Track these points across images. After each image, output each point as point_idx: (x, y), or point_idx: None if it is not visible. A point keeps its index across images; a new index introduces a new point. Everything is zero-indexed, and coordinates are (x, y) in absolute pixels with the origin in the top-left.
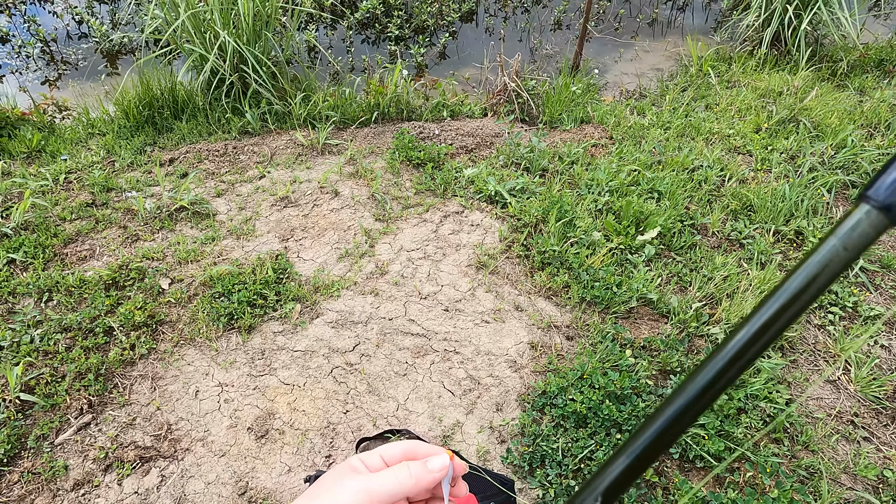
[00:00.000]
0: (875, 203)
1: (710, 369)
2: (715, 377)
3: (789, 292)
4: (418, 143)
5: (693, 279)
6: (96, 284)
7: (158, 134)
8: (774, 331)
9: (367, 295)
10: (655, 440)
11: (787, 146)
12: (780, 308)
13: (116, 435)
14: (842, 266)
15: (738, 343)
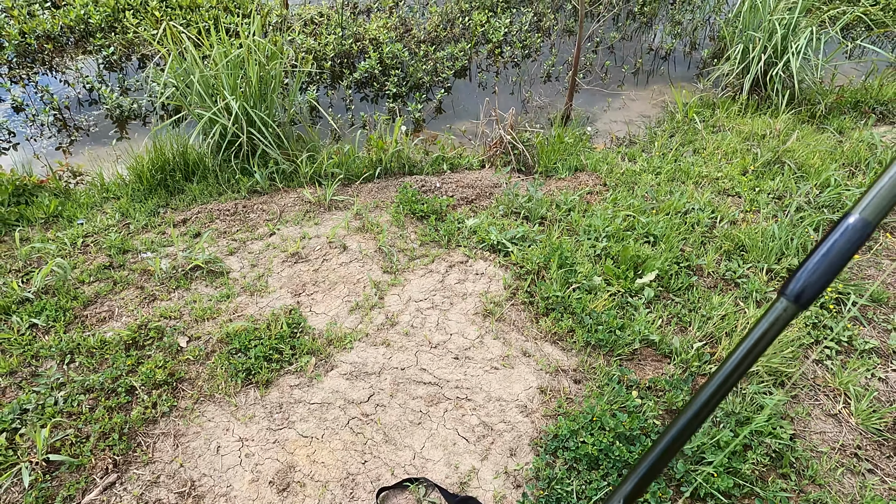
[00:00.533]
0: (788, 297)
1: (675, 431)
2: (681, 433)
3: (731, 365)
4: (421, 196)
5: (692, 319)
6: (117, 345)
7: (171, 196)
8: (728, 386)
9: (379, 346)
10: (661, 456)
11: (773, 187)
12: (730, 371)
13: (141, 493)
14: (769, 341)
15: (709, 389)
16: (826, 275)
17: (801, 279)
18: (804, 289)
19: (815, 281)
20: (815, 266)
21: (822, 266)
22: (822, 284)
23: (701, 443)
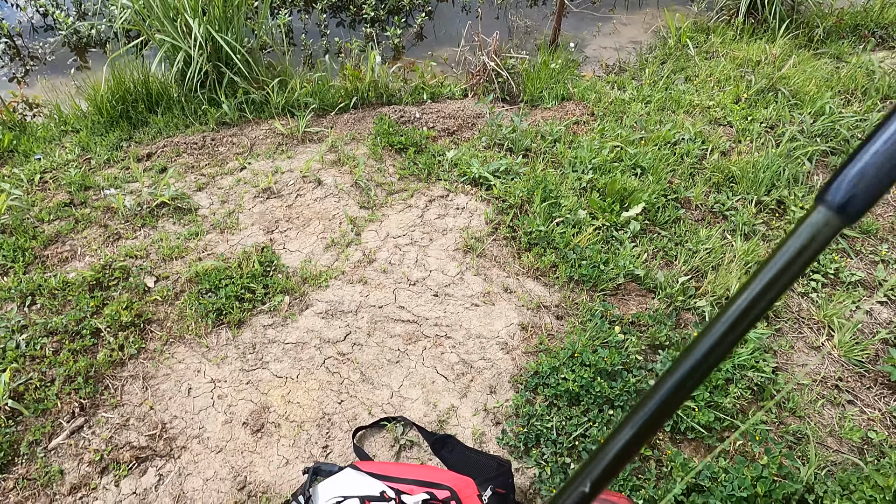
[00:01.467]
0: (830, 205)
1: (689, 360)
2: (688, 374)
3: (755, 291)
4: (399, 127)
5: (678, 253)
6: (80, 286)
7: (134, 129)
8: (743, 327)
9: (356, 284)
10: (653, 415)
11: (766, 116)
12: (748, 305)
13: (111, 437)
14: (805, 264)
15: (712, 337)
16: (883, 176)
17: (849, 182)
18: (853, 193)
19: (867, 183)
20: (868, 165)
21: (876, 164)
22: (876, 189)
23: None
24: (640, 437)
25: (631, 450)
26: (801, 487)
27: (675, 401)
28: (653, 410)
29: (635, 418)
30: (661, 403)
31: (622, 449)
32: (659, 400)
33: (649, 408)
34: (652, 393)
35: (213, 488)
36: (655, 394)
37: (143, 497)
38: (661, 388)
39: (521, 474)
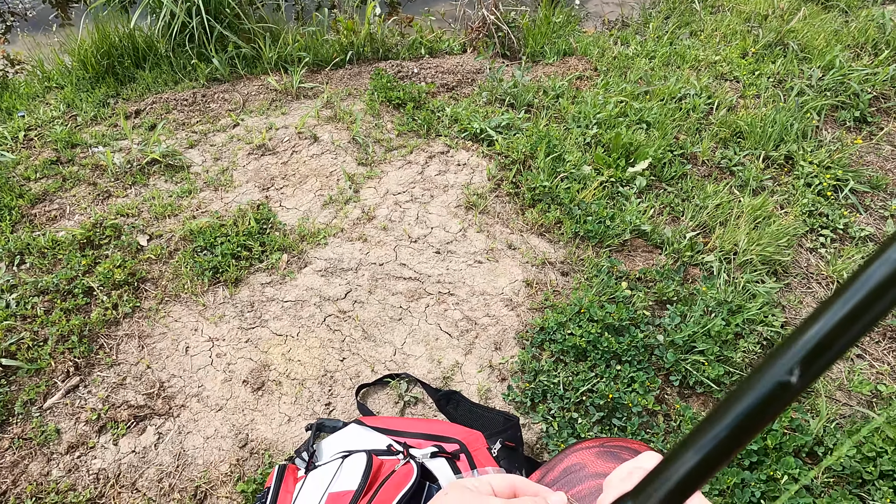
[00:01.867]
0: None
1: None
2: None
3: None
4: (397, 82)
5: (685, 209)
6: (70, 244)
7: (121, 85)
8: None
9: (356, 241)
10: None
11: (774, 70)
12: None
13: (107, 396)
14: None
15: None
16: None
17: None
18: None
19: None
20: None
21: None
22: None
23: (692, 332)
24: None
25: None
26: (811, 440)
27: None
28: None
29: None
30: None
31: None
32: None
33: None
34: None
35: (215, 446)
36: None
37: (142, 455)
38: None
39: (528, 430)
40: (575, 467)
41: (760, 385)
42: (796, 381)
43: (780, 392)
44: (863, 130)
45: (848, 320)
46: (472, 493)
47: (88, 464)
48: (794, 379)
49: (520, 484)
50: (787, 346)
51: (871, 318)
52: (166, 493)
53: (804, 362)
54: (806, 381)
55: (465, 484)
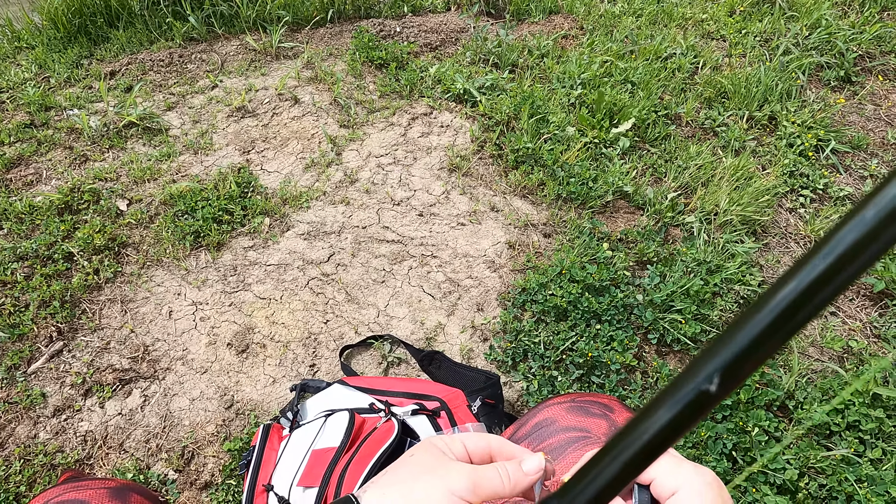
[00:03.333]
0: None
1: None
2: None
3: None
4: (379, 42)
5: (668, 170)
6: (48, 209)
7: (94, 45)
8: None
9: (338, 204)
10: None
11: (761, 29)
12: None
13: (92, 360)
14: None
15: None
16: None
17: None
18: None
19: None
20: None
21: None
22: None
23: (671, 291)
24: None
25: (794, 316)
26: (783, 394)
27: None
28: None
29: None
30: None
31: (780, 315)
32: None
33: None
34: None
35: (201, 407)
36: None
37: (129, 417)
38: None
39: (510, 388)
40: (546, 422)
41: (682, 394)
42: (716, 389)
43: (702, 399)
44: (846, 90)
45: (768, 332)
46: (437, 454)
47: (75, 426)
48: (713, 387)
49: (496, 445)
50: (709, 356)
51: (787, 333)
52: (154, 454)
53: (725, 371)
54: (726, 389)
55: (434, 443)
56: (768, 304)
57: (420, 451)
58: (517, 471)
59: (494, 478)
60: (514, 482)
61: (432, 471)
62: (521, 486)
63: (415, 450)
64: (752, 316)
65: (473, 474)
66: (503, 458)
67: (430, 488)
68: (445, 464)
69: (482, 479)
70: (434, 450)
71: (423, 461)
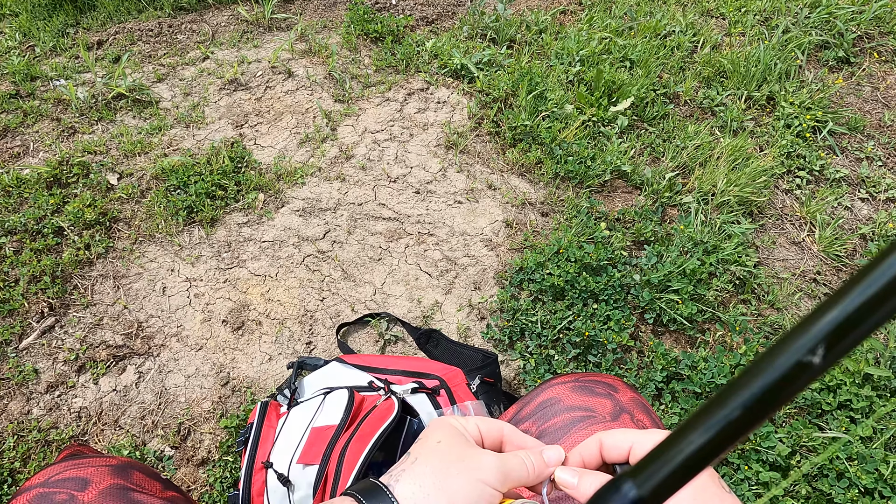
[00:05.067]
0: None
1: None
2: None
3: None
4: (374, 14)
5: (666, 149)
6: (36, 183)
7: (80, 13)
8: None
9: (334, 181)
10: None
11: (761, 7)
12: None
13: (84, 336)
14: None
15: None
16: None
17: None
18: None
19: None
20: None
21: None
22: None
23: (668, 271)
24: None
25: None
26: None
27: None
28: None
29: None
30: None
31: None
32: None
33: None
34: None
35: (196, 384)
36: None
37: (123, 394)
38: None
39: (507, 366)
40: (550, 401)
41: (778, 364)
42: (819, 360)
43: (800, 372)
44: (845, 70)
45: (880, 297)
46: (463, 441)
47: (69, 402)
48: (816, 359)
49: (508, 432)
50: (810, 323)
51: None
52: (149, 430)
53: (829, 340)
54: (830, 361)
55: (455, 426)
56: (885, 262)
57: (445, 435)
58: (540, 460)
59: (521, 467)
60: (538, 472)
61: (463, 460)
62: (543, 476)
63: (439, 434)
64: (865, 276)
65: (502, 465)
66: (514, 446)
67: (463, 479)
68: (473, 452)
69: (510, 468)
70: (459, 436)
71: (452, 449)
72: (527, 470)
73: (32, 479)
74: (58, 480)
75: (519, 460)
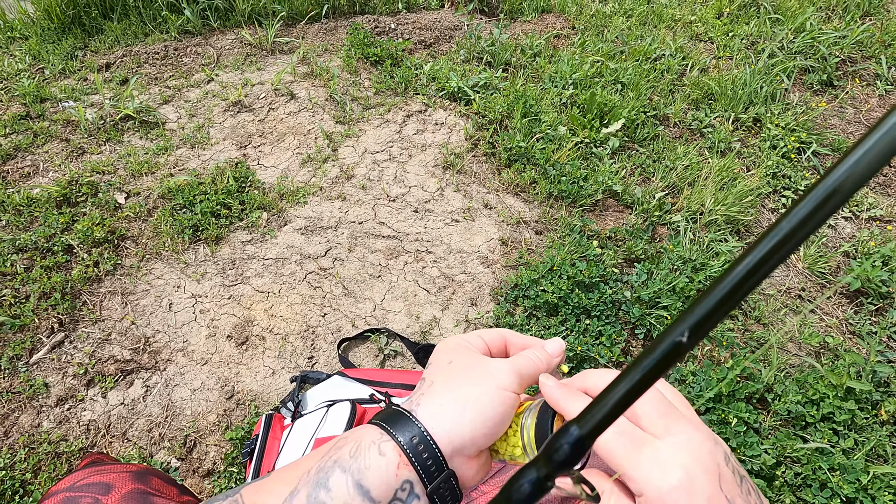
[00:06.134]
0: None
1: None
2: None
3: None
4: (374, 38)
5: (656, 169)
6: (46, 202)
7: (89, 36)
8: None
9: (335, 200)
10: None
11: (748, 32)
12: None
13: (93, 351)
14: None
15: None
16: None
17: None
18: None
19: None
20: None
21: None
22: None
23: (658, 288)
24: (749, 278)
25: (737, 292)
26: (762, 387)
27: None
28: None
29: (744, 261)
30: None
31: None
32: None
33: (745, 264)
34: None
35: (202, 398)
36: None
37: (131, 407)
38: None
39: None
40: None
41: (664, 343)
42: (686, 340)
43: (676, 348)
44: (828, 93)
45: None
46: (474, 355)
47: (78, 416)
48: (684, 339)
49: (509, 336)
50: (681, 319)
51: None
52: (156, 442)
53: (692, 328)
54: (692, 341)
55: (462, 344)
56: (722, 280)
57: (455, 354)
58: (544, 353)
59: (530, 364)
60: (546, 363)
61: (476, 371)
62: (552, 365)
63: (448, 355)
64: (712, 289)
65: (513, 367)
66: (518, 348)
67: (481, 389)
68: (484, 362)
69: (520, 367)
70: (467, 351)
71: (464, 364)
72: (535, 364)
73: (58, 485)
74: (82, 485)
75: (526, 358)
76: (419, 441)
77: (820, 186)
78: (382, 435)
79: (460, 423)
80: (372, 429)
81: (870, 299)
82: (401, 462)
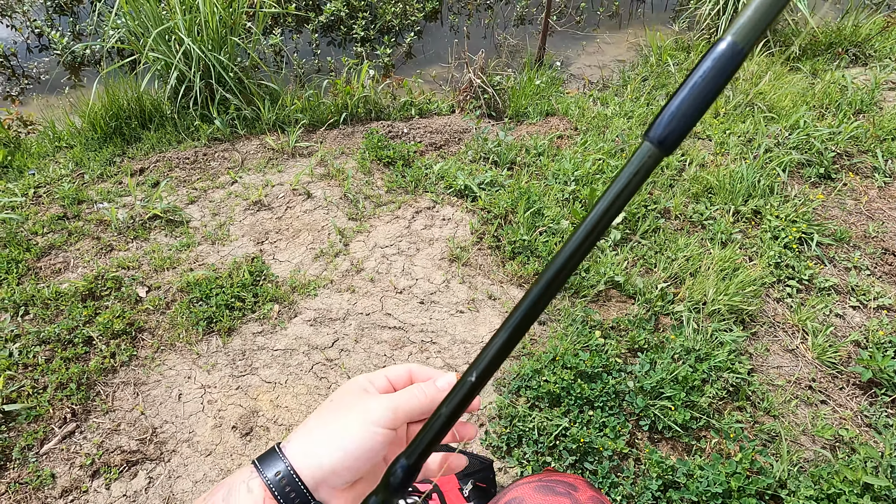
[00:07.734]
0: (652, 140)
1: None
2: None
3: (599, 210)
4: (388, 142)
5: (658, 261)
6: (73, 296)
7: (127, 144)
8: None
9: (344, 292)
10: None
11: (743, 129)
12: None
13: (102, 441)
14: (634, 189)
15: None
16: (693, 112)
17: (666, 120)
18: (669, 131)
19: (680, 120)
20: (682, 103)
21: (688, 102)
22: (688, 124)
23: (661, 378)
24: (513, 338)
25: (507, 349)
26: (774, 482)
27: (539, 308)
28: (522, 316)
29: (508, 323)
30: (529, 310)
31: (500, 349)
32: (526, 308)
33: (519, 314)
34: (521, 302)
35: (203, 490)
36: (524, 302)
37: (133, 499)
38: (529, 297)
39: (505, 473)
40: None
41: (461, 386)
42: (474, 380)
43: (469, 388)
44: (827, 186)
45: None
46: (358, 392)
47: None
48: (473, 379)
49: (415, 370)
50: (473, 367)
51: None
52: None
53: (480, 374)
54: (478, 382)
55: (356, 381)
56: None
57: (341, 393)
58: (432, 387)
59: (411, 399)
60: (431, 398)
61: (352, 408)
62: (438, 401)
63: (335, 394)
64: (490, 344)
65: (390, 402)
66: (421, 380)
67: (351, 425)
68: (364, 399)
69: (398, 404)
70: (354, 388)
71: (343, 401)
72: (418, 399)
73: None
74: None
75: (410, 394)
76: (283, 476)
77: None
78: (252, 473)
79: (324, 454)
80: (245, 469)
81: (884, 390)
82: (266, 497)
